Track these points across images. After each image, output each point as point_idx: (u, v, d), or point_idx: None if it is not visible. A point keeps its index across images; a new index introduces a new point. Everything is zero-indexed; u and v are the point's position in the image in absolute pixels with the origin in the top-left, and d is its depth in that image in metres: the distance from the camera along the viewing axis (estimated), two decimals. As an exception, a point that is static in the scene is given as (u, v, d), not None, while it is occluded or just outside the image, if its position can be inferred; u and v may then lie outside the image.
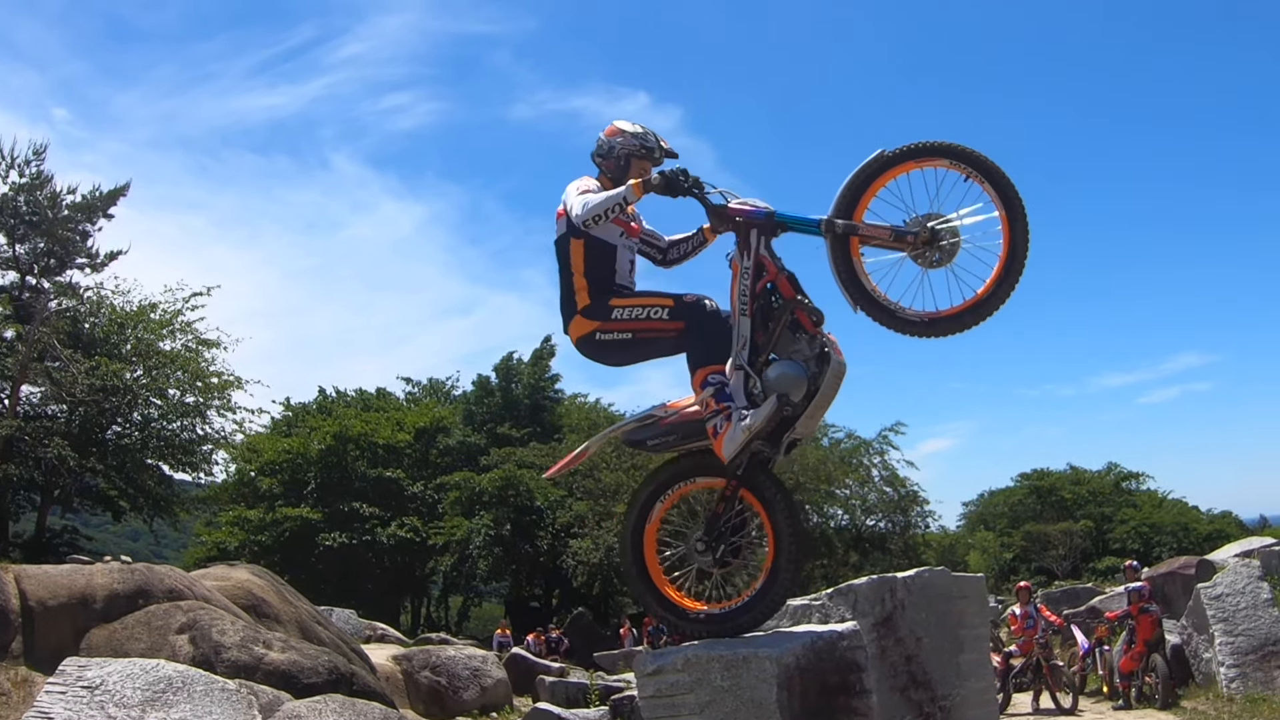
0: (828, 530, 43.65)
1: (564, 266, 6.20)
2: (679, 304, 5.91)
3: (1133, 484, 74.51)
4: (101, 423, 30.14)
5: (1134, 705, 19.33)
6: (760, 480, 5.94)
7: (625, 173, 6.33)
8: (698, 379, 5.78)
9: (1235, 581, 18.98)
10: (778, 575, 5.83)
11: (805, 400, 5.75)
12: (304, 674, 12.30)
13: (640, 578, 6.08)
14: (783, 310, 5.86)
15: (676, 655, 5.47)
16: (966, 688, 7.07)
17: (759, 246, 5.92)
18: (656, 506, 6.12)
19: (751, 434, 5.58)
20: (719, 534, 5.96)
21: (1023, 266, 5.79)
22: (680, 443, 6.02)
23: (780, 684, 5.04)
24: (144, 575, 13.45)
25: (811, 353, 5.80)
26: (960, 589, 7.38)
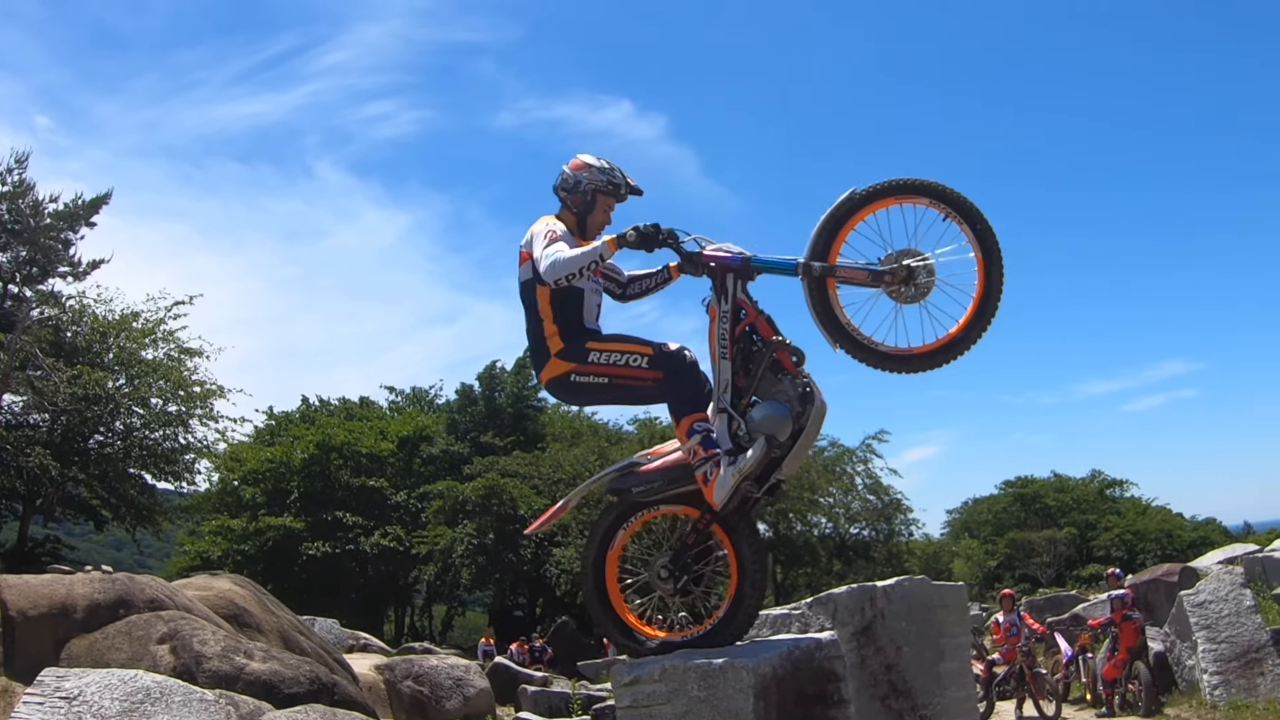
0: (811, 538, 43.78)
1: (531, 312, 6.17)
2: (658, 353, 5.93)
3: (1117, 491, 74.94)
4: (84, 432, 30.03)
5: (1117, 713, 19.40)
6: (739, 525, 6.00)
7: (591, 208, 6.37)
8: (683, 427, 5.80)
9: (1218, 589, 19.02)
10: (740, 606, 5.89)
11: (791, 440, 5.82)
12: (285, 684, 12.22)
13: (600, 603, 6.09)
14: (764, 352, 5.91)
15: (653, 665, 5.48)
16: (947, 696, 7.09)
17: (736, 290, 5.96)
18: (620, 533, 6.12)
19: (742, 477, 5.65)
20: (685, 565, 5.99)
21: (996, 308, 5.92)
22: (665, 489, 5.99)
23: (757, 694, 5.04)
24: (125, 585, 13.37)
25: (794, 392, 5.87)
26: (940, 598, 7.40)
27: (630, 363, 5.92)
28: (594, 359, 5.96)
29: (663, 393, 5.99)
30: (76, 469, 29.98)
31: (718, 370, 5.90)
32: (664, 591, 6.04)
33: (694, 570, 6.05)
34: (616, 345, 6.00)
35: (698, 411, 5.83)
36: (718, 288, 5.99)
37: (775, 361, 5.92)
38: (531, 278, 6.09)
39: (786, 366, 5.92)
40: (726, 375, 5.88)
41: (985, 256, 5.90)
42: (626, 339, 6.05)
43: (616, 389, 6.05)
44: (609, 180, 6.41)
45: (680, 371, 5.91)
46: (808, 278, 5.96)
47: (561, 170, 6.48)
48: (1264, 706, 16.85)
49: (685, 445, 5.79)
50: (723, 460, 5.67)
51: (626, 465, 6.19)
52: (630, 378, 5.95)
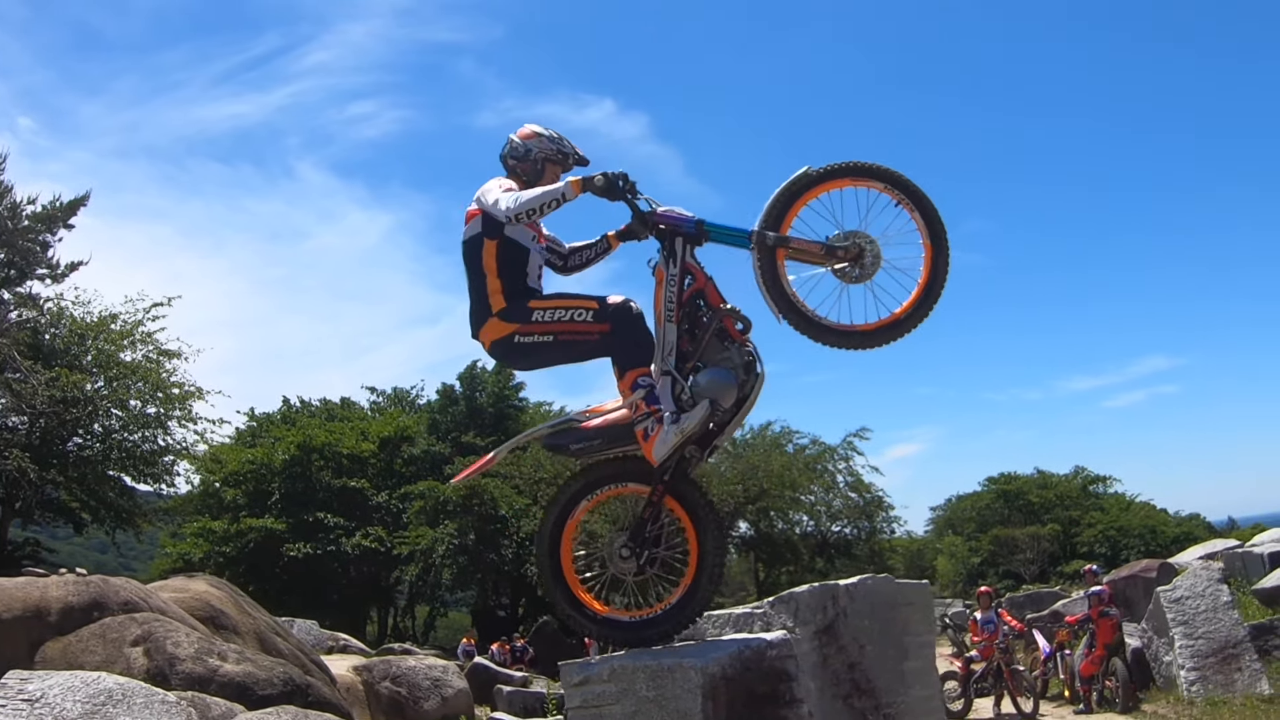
0: (792, 536, 43.81)
1: (475, 268, 6.14)
2: (604, 306, 5.92)
3: (1100, 487, 75.14)
4: (62, 434, 29.94)
5: (1095, 709, 19.44)
6: (691, 495, 6.03)
7: (540, 177, 6.39)
8: (626, 381, 5.80)
9: (1195, 584, 19.08)
10: (696, 592, 5.93)
11: (735, 407, 5.85)
12: (259, 685, 12.22)
13: (553, 573, 6.06)
14: (712, 318, 5.92)
15: (603, 665, 5.49)
16: (911, 695, 7.09)
17: (685, 254, 5.97)
18: (581, 505, 6.09)
19: (684, 437, 5.65)
20: (643, 541, 5.97)
21: (940, 294, 6.07)
22: (605, 447, 6.01)
23: (705, 694, 5.04)
24: (99, 587, 13.35)
25: (740, 361, 5.91)
26: (905, 596, 7.40)
27: (575, 317, 5.91)
28: (538, 317, 5.95)
29: (609, 346, 5.98)
30: (55, 471, 29.90)
31: (662, 333, 5.90)
32: (622, 571, 6.03)
33: (654, 550, 6.05)
34: (560, 301, 6.00)
35: (642, 366, 5.84)
36: (666, 250, 6.01)
37: (721, 329, 5.97)
38: (479, 233, 6.12)
39: (732, 335, 5.99)
40: (671, 338, 5.90)
41: (933, 244, 6.05)
42: (569, 295, 6.07)
43: (562, 345, 6.03)
44: (558, 149, 6.47)
45: (627, 323, 5.92)
46: (760, 247, 6.00)
47: (509, 139, 6.52)
48: (1241, 702, 16.89)
49: (628, 399, 5.80)
50: (666, 418, 5.67)
51: (564, 421, 6.19)
52: (575, 332, 5.95)
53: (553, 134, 6.51)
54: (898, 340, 6.15)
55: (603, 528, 6.48)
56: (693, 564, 6.02)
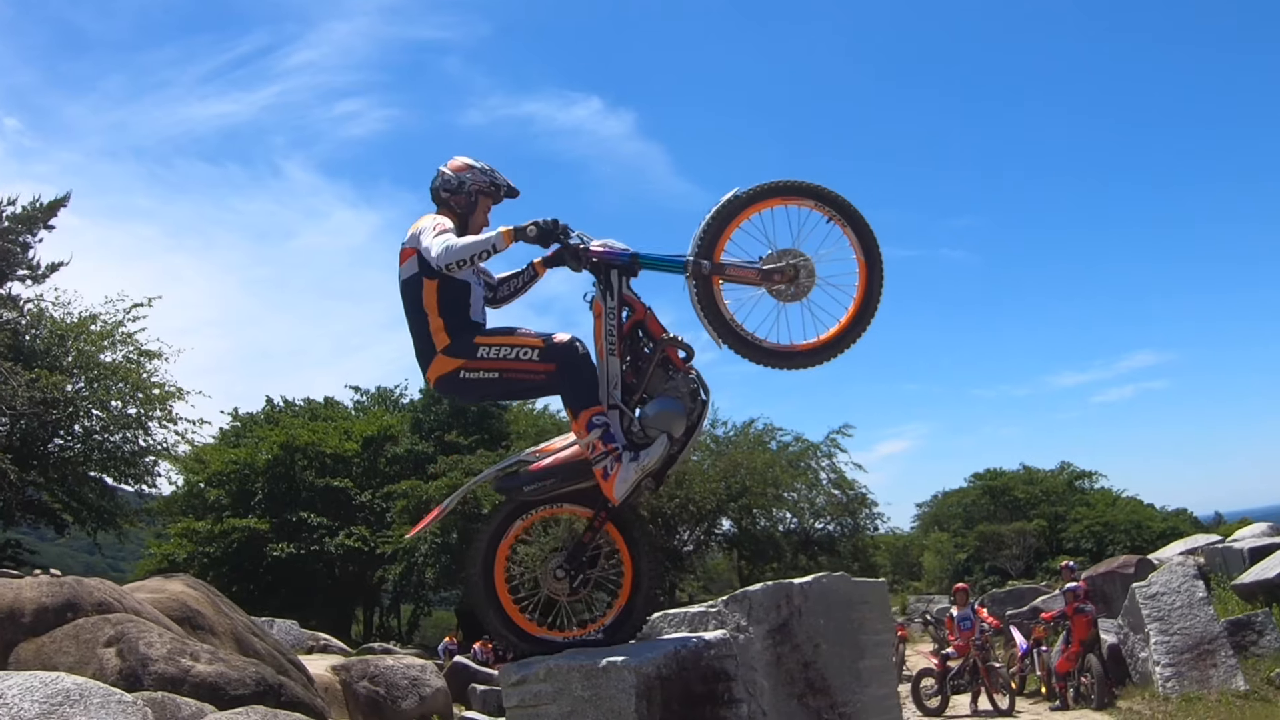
0: (775, 533, 43.80)
1: (415, 308, 6.12)
2: (549, 345, 5.92)
3: (1085, 483, 75.29)
4: (43, 435, 29.87)
5: (1071, 706, 19.50)
6: (627, 519, 6.08)
7: (473, 210, 6.39)
8: (581, 421, 5.77)
9: (1170, 580, 19.17)
10: (631, 613, 5.99)
11: (685, 436, 5.92)
12: (231, 685, 12.24)
13: (486, 591, 6.02)
14: (656, 349, 5.98)
15: (539, 665, 5.49)
16: (867, 694, 7.11)
17: (621, 286, 6.01)
18: (516, 523, 6.09)
19: (644, 473, 5.68)
20: (579, 564, 6.00)
21: (876, 308, 6.16)
22: (560, 485, 5.97)
23: (639, 694, 5.05)
24: (73, 589, 13.37)
25: (686, 389, 5.96)
26: (861, 594, 7.43)
27: (521, 356, 5.90)
28: (483, 354, 5.93)
29: (556, 386, 5.98)
30: (36, 472, 29.84)
31: (605, 366, 5.92)
32: (556, 591, 6.04)
33: (589, 572, 6.08)
34: (505, 339, 5.98)
35: (595, 405, 5.83)
36: (603, 284, 6.01)
37: (665, 359, 6.01)
38: (416, 273, 6.07)
39: (676, 363, 6.02)
40: (615, 372, 5.92)
41: (867, 259, 6.13)
42: (515, 332, 6.04)
43: (507, 383, 6.03)
44: (491, 181, 6.45)
45: (574, 364, 5.90)
46: (695, 275, 6.04)
47: (441, 171, 6.48)
48: (1216, 698, 16.96)
49: (584, 439, 5.76)
50: (624, 455, 5.68)
51: (514, 462, 6.16)
52: (521, 371, 5.93)
53: (484, 166, 6.50)
54: (838, 357, 6.25)
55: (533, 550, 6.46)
56: (627, 586, 6.09)
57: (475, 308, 6.23)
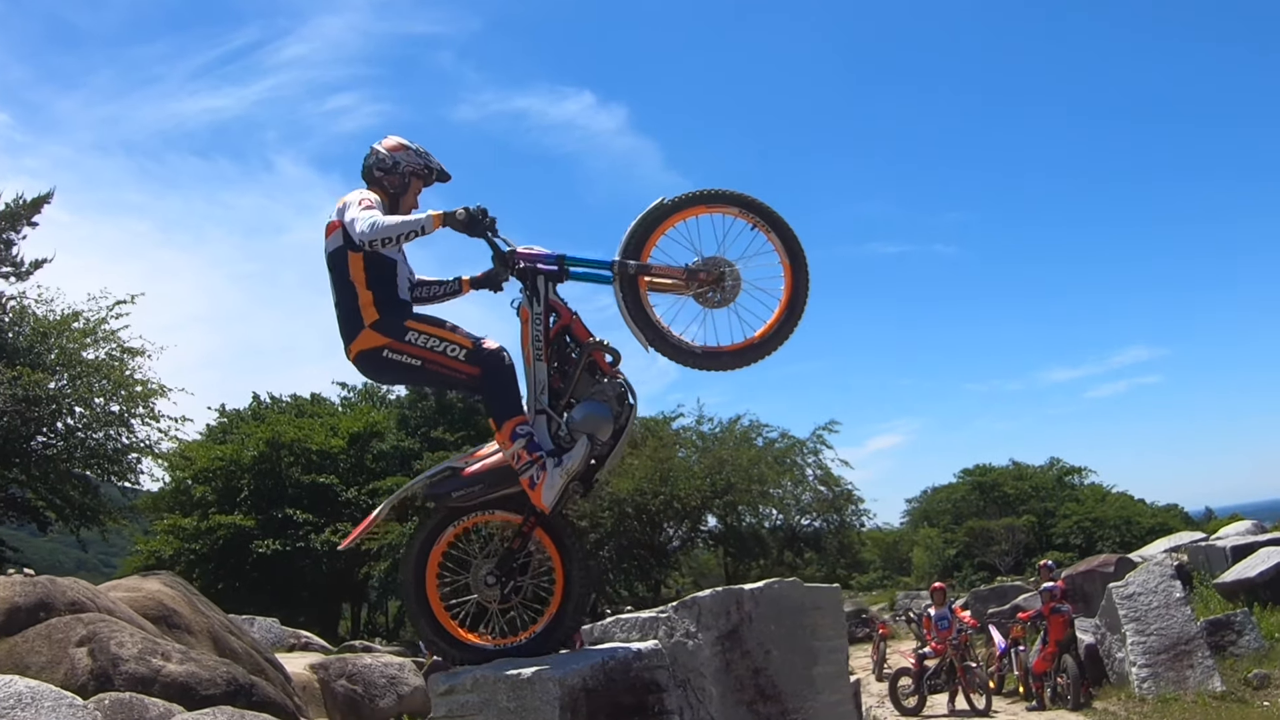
0: (760, 530, 43.76)
1: (342, 281, 6.08)
2: (477, 349, 5.92)
3: (1075, 479, 75.33)
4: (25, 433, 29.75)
5: (1048, 706, 19.48)
6: (559, 525, 6.06)
7: (405, 191, 6.37)
8: (505, 432, 5.78)
9: (1147, 580, 19.16)
10: (562, 621, 5.96)
11: (612, 439, 5.94)
12: (202, 685, 12.25)
13: (418, 599, 6.01)
14: (582, 353, 6.00)
15: (466, 676, 5.48)
16: (820, 701, 7.09)
17: (548, 292, 6.03)
18: (448, 530, 6.07)
19: (570, 477, 5.68)
20: (510, 571, 5.98)
21: (803, 310, 6.26)
22: (487, 492, 5.95)
23: (563, 706, 5.03)
24: (46, 588, 13.37)
25: (613, 393, 5.99)
26: (814, 600, 7.40)
27: (448, 352, 5.91)
28: (411, 339, 5.93)
29: (477, 390, 5.99)
30: (18, 470, 29.76)
31: (532, 372, 5.94)
32: (487, 598, 6.02)
33: (520, 579, 6.06)
34: (437, 330, 5.98)
35: (519, 415, 5.83)
36: (529, 289, 6.03)
37: (592, 363, 6.04)
38: (341, 246, 6.05)
39: (603, 368, 6.06)
40: (543, 377, 5.94)
41: (792, 263, 6.23)
42: (447, 327, 6.04)
43: (428, 374, 6.03)
44: (425, 164, 6.45)
45: (498, 372, 5.91)
46: (622, 277, 6.09)
47: (375, 149, 6.46)
48: (1193, 699, 16.97)
49: (508, 450, 5.76)
50: (548, 462, 5.68)
51: (444, 469, 6.13)
52: (445, 366, 5.94)
53: (419, 148, 6.49)
54: (764, 359, 6.31)
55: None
56: (558, 594, 6.05)
57: (402, 286, 6.23)
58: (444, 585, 6.09)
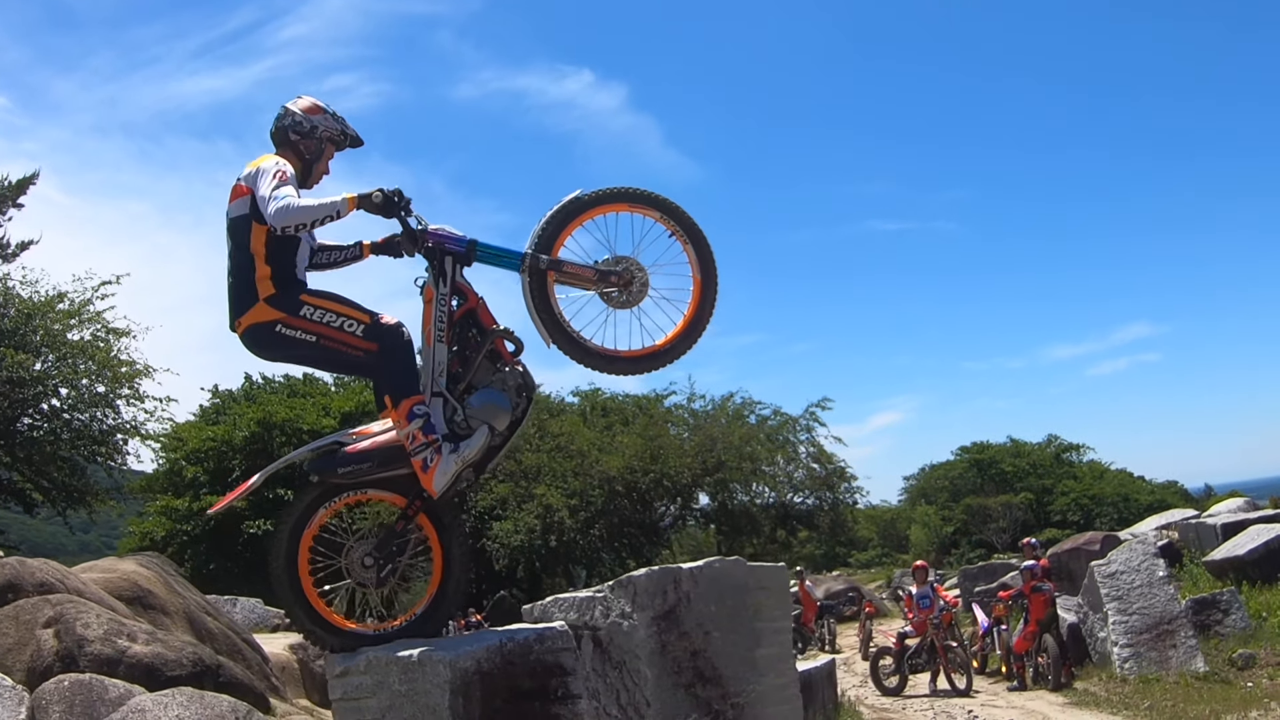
0: (752, 508, 43.75)
1: (241, 249, 5.85)
2: (375, 323, 5.78)
3: (1073, 456, 75.47)
4: (11, 415, 29.65)
5: (1029, 686, 19.31)
6: (439, 509, 5.94)
7: (319, 156, 6.16)
8: (402, 410, 5.63)
9: (1130, 559, 18.98)
10: (441, 603, 5.89)
11: (509, 430, 5.84)
12: (168, 666, 12.15)
13: (290, 585, 5.82)
14: (485, 339, 5.88)
15: (360, 658, 5.35)
16: (764, 683, 6.96)
17: (455, 274, 5.91)
18: (320, 511, 5.87)
19: (465, 464, 5.57)
20: (388, 553, 5.84)
21: (705, 327, 6.27)
22: (376, 470, 5.78)
23: (454, 690, 4.89)
24: (14, 569, 13.31)
25: (513, 383, 5.89)
26: (758, 580, 7.25)
27: (345, 327, 5.76)
28: (306, 313, 5.75)
29: (373, 367, 5.84)
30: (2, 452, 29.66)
31: (431, 353, 5.80)
32: (363, 580, 5.88)
33: (399, 560, 5.92)
34: (333, 305, 5.81)
35: (416, 394, 5.69)
36: (436, 270, 5.90)
37: (493, 350, 5.94)
38: (246, 214, 5.82)
39: (504, 356, 5.96)
40: (442, 359, 5.81)
41: (703, 278, 6.21)
42: (344, 301, 5.87)
43: (322, 350, 5.84)
44: (341, 130, 6.26)
45: (398, 349, 5.78)
46: (532, 270, 5.98)
47: (289, 110, 6.20)
48: (1174, 680, 16.78)
49: (404, 429, 5.62)
50: (445, 447, 5.56)
51: (329, 442, 5.95)
52: (341, 342, 5.77)
53: (334, 111, 6.28)
54: (660, 369, 6.35)
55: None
56: (437, 573, 5.96)
57: (301, 265, 6.04)
58: (316, 571, 5.90)
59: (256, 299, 5.79)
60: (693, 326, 6.22)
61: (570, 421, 44.78)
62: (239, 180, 5.90)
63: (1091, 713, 15.90)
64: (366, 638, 5.78)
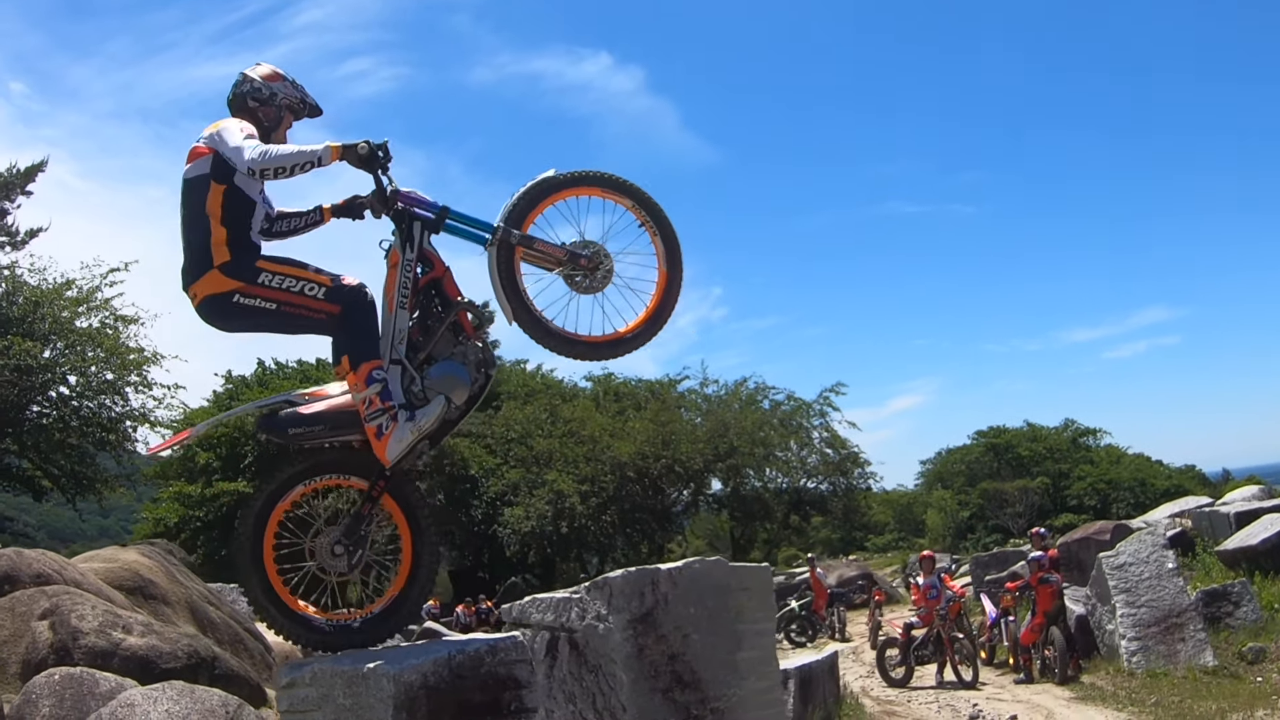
0: (765, 494, 43.62)
1: (196, 212, 5.61)
2: (337, 285, 5.59)
3: (1090, 440, 75.06)
4: (20, 402, 29.65)
5: (1036, 679, 19.01)
6: (410, 496, 5.78)
7: (278, 124, 5.98)
8: (360, 374, 5.44)
9: (1139, 550, 18.64)
10: (404, 603, 5.69)
11: (466, 404, 5.68)
12: (162, 659, 12.10)
13: (253, 558, 5.58)
14: (449, 310, 5.72)
15: (307, 669, 5.16)
16: (745, 687, 6.78)
17: (422, 240, 5.73)
18: (296, 489, 5.67)
19: (420, 435, 5.38)
20: (357, 540, 5.64)
21: (667, 320, 6.20)
22: (326, 435, 5.61)
23: (398, 705, 4.69)
24: (11, 560, 13.27)
25: (474, 357, 5.74)
26: (739, 580, 7.07)
27: (306, 291, 5.55)
28: (264, 280, 5.53)
29: (336, 329, 5.63)
30: (11, 440, 29.68)
31: (393, 319, 5.62)
32: (334, 568, 5.66)
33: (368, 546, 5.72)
34: (292, 270, 5.60)
35: (376, 358, 5.50)
36: (404, 234, 5.73)
37: (456, 322, 5.78)
38: (205, 174, 5.59)
39: (467, 329, 5.80)
40: (403, 326, 5.64)
41: (669, 272, 6.12)
42: (302, 265, 5.67)
43: (283, 317, 5.62)
44: (301, 98, 6.11)
45: (360, 311, 5.60)
46: (502, 244, 5.83)
47: (249, 77, 6.02)
48: (1183, 674, 16.42)
49: (361, 393, 5.44)
50: (400, 415, 5.40)
51: (281, 399, 5.75)
52: (303, 307, 5.57)
53: (293, 79, 6.12)
54: (618, 357, 6.28)
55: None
56: (404, 572, 5.77)
57: (256, 227, 5.81)
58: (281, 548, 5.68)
59: (210, 264, 5.54)
60: (655, 318, 6.14)
61: (583, 406, 44.72)
62: (197, 142, 5.71)
63: (1097, 708, 15.63)
64: (314, 626, 5.58)
